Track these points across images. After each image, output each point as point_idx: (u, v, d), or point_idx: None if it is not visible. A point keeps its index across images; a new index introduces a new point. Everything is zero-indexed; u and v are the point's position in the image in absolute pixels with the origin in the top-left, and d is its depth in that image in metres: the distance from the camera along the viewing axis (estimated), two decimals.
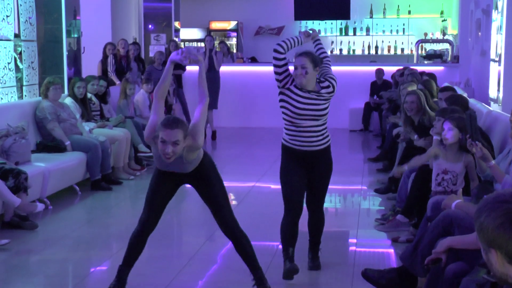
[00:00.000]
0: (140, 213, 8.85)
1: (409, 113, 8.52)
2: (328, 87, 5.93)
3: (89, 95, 10.77)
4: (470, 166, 6.26)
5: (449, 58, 17.57)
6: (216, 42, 17.78)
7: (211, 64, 14.63)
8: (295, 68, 5.86)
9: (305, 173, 5.98)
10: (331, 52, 20.36)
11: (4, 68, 9.66)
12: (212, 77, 14.58)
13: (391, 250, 6.95)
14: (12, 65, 9.90)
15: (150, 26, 18.52)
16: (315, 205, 6.22)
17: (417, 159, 7.01)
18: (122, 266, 5.62)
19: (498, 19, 11.12)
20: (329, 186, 6.00)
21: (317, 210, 6.23)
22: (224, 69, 15.62)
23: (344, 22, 20.26)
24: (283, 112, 5.91)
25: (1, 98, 9.58)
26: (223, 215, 5.49)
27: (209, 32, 19.79)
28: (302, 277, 6.28)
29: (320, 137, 5.92)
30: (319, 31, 20.43)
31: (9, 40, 9.84)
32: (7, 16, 9.72)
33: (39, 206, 7.69)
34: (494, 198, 2.52)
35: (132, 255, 5.60)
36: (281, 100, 5.91)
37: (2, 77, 9.62)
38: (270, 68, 16.21)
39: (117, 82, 13.32)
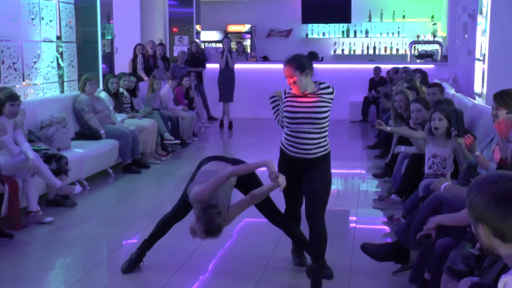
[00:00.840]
0: (165, 193, 8.89)
1: (399, 110, 8.65)
2: (327, 87, 5.19)
3: (121, 89, 10.82)
4: (457, 150, 6.24)
5: (439, 58, 17.50)
6: (233, 43, 17.84)
7: (227, 63, 14.68)
8: (286, 77, 5.18)
9: (300, 179, 5.25)
10: (334, 52, 20.34)
11: (48, 66, 9.70)
12: (228, 74, 14.66)
13: (387, 227, 6.96)
14: (55, 64, 9.95)
15: (174, 29, 18.55)
16: (311, 213, 5.15)
17: (403, 128, 7.56)
18: (146, 241, 5.63)
19: (482, 22, 11.08)
20: (332, 170, 5.66)
21: (314, 219, 5.15)
22: (239, 66, 15.62)
23: (345, 25, 20.22)
24: (284, 117, 5.25)
25: (46, 92, 9.62)
26: (268, 212, 5.48)
27: (226, 34, 19.77)
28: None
29: (315, 145, 5.12)
30: (324, 33, 20.42)
31: (52, 41, 9.88)
32: (50, 21, 9.76)
33: (77, 189, 7.75)
34: (483, 179, 2.54)
35: (157, 235, 5.61)
36: (285, 108, 5.21)
37: (46, 74, 9.67)
38: (280, 66, 16.22)
39: (146, 78, 13.35)
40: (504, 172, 2.58)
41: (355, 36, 20.41)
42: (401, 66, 14.14)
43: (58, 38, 10.19)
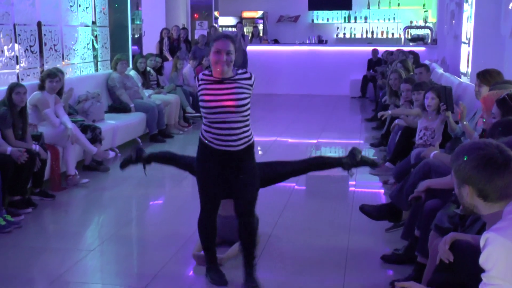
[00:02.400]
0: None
1: (394, 88, 8.65)
2: (245, 73, 4.10)
3: (148, 68, 10.82)
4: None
5: (429, 41, 17.41)
6: (245, 28, 17.80)
7: (240, 45, 14.68)
8: (218, 53, 3.95)
9: (226, 172, 4.16)
10: (337, 35, 20.22)
11: (84, 48, 9.69)
12: (240, 54, 14.63)
13: (382, 190, 6.97)
14: (90, 46, 9.92)
15: (195, 15, 18.48)
16: (243, 210, 4.24)
17: (401, 110, 7.21)
18: (147, 158, 5.62)
19: (468, 10, 10.98)
20: (334, 140, 5.52)
21: (245, 214, 4.24)
22: (253, 48, 15.67)
23: (347, 12, 20.06)
24: (201, 107, 4.10)
25: (82, 71, 9.62)
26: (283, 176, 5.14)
27: (241, 19, 19.68)
28: (306, 210, 6.31)
29: (238, 136, 4.05)
30: (328, 19, 20.29)
31: (88, 26, 9.86)
32: (86, 8, 9.73)
33: (110, 154, 7.83)
34: (471, 145, 2.55)
35: (157, 159, 5.74)
36: (200, 97, 4.08)
37: (83, 54, 9.66)
38: (289, 48, 16.05)
39: (170, 58, 13.34)
40: (489, 140, 2.60)
41: (355, 21, 20.25)
42: (394, 48, 14.10)
43: (93, 23, 10.16)
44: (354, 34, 20.31)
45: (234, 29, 18.06)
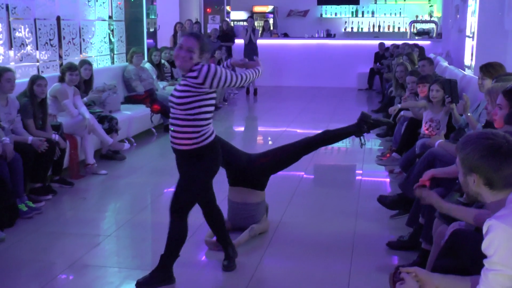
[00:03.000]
0: None
1: (400, 80, 8.62)
2: (194, 71, 3.82)
3: (162, 61, 10.84)
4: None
5: (434, 35, 17.33)
6: (256, 22, 17.77)
7: (250, 39, 14.64)
8: (179, 48, 3.83)
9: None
10: (345, 29, 20.17)
11: (101, 41, 9.71)
12: (251, 48, 14.63)
13: (388, 179, 6.96)
14: (107, 39, 9.95)
15: (208, 9, 18.46)
16: (170, 209, 4.09)
17: (409, 102, 7.16)
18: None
19: (472, 4, 10.93)
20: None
21: (171, 216, 4.07)
22: (263, 41, 15.64)
23: (354, 6, 20.02)
24: None
25: (99, 64, 9.64)
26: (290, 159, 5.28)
27: (252, 14, 19.66)
28: (314, 198, 6.31)
29: (180, 135, 3.89)
30: (336, 13, 20.23)
31: (105, 20, 9.88)
32: (103, 3, 9.75)
33: (125, 145, 7.87)
34: (478, 135, 2.54)
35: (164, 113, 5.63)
36: None
37: (100, 48, 9.68)
38: (298, 42, 16.00)
39: None
40: (496, 130, 2.60)
41: (362, 16, 20.20)
42: (400, 42, 14.06)
43: (110, 17, 10.17)
44: (362, 28, 20.26)
45: (245, 23, 18.05)
